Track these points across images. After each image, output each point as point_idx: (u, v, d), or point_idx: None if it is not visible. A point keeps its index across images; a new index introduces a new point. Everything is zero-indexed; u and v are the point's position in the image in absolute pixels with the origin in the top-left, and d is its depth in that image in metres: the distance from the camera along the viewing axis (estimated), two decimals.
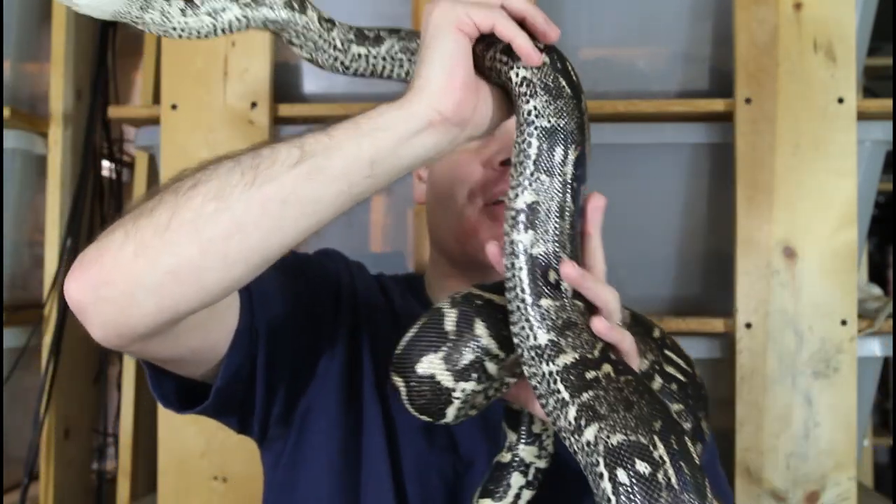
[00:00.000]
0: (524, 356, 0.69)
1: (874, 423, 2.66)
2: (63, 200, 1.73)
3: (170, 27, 0.72)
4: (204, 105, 1.55)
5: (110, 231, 0.70)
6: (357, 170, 0.69)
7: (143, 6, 0.70)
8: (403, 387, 0.77)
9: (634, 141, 1.56)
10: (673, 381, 0.83)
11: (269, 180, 0.67)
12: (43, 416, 1.68)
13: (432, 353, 0.75)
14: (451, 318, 0.75)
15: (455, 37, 0.70)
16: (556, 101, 0.72)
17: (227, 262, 0.68)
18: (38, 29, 1.79)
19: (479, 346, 0.74)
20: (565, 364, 0.67)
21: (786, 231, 1.49)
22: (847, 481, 1.46)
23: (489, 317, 0.75)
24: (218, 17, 0.73)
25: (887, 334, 1.55)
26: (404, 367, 0.76)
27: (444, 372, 0.74)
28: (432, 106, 0.70)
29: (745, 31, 1.51)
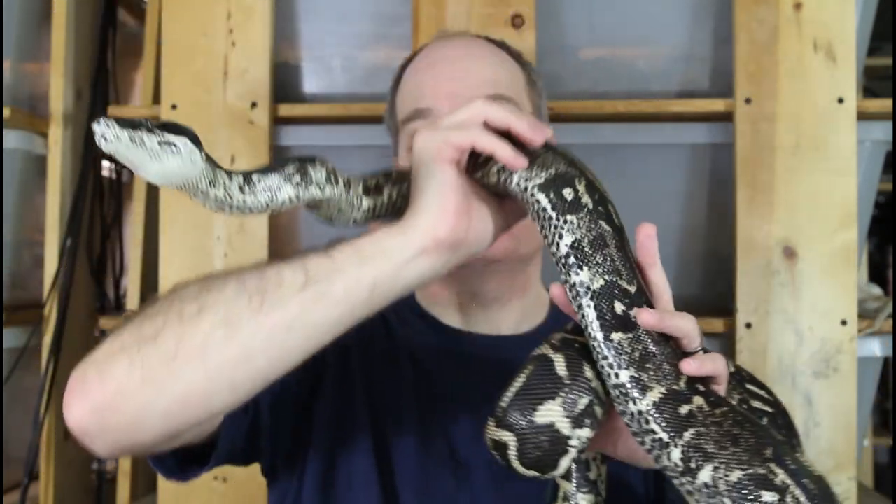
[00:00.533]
0: (612, 396, 0.69)
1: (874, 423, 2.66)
2: (63, 200, 1.72)
3: (228, 203, 0.74)
4: (204, 105, 1.55)
5: (111, 352, 0.71)
6: (358, 293, 0.72)
7: (211, 181, 0.72)
8: (514, 441, 0.72)
9: (634, 141, 1.56)
10: (763, 415, 0.82)
11: (277, 306, 0.70)
12: (43, 416, 1.68)
13: (550, 401, 0.71)
14: (560, 364, 0.73)
15: (440, 167, 0.74)
16: (544, 169, 0.74)
17: (234, 387, 0.71)
18: (38, 29, 1.79)
19: (591, 388, 0.72)
20: (654, 401, 0.67)
21: (786, 231, 1.49)
22: (847, 481, 1.46)
23: (591, 359, 0.72)
24: (274, 195, 0.76)
25: (887, 334, 1.55)
26: (517, 419, 0.72)
27: (562, 419, 0.71)
28: (427, 234, 0.73)
29: (745, 31, 1.51)
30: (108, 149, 0.65)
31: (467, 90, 1.01)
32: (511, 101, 1.03)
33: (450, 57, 1.06)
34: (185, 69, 1.56)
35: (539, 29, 1.53)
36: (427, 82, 1.04)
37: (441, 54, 1.07)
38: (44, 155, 1.73)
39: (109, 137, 0.64)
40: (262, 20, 1.56)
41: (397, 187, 0.85)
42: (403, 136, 1.06)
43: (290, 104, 1.58)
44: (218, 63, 1.56)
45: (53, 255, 1.71)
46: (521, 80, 1.09)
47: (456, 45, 1.09)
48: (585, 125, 1.57)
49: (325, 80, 1.65)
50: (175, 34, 1.57)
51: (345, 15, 1.64)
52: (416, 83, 1.06)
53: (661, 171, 1.58)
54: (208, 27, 1.56)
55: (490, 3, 1.52)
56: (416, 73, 1.08)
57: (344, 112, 1.56)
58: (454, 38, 1.12)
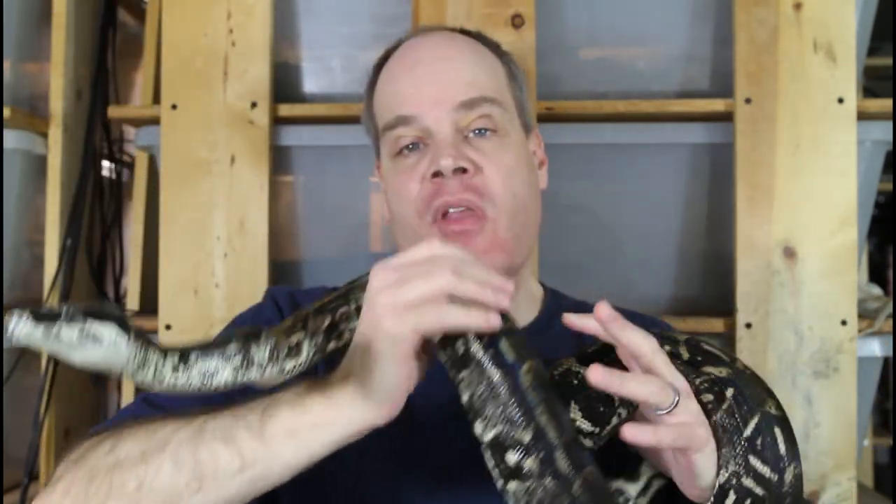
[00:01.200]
0: None
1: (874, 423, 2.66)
2: (63, 200, 1.72)
3: (158, 383, 0.74)
4: (204, 105, 1.55)
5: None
6: (294, 467, 0.74)
7: (140, 364, 0.72)
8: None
9: (634, 141, 1.56)
10: (714, 401, 0.81)
11: (215, 490, 0.73)
12: (43, 416, 1.68)
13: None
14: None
15: (401, 362, 0.71)
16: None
17: None
18: (38, 29, 1.79)
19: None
20: None
21: (786, 231, 1.49)
22: (847, 481, 1.46)
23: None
24: (209, 380, 0.75)
25: (887, 334, 1.55)
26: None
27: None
28: (367, 421, 0.72)
29: (745, 31, 1.51)
30: (22, 343, 0.65)
31: (447, 95, 1.01)
32: (494, 101, 1.03)
33: (427, 59, 1.05)
34: (185, 69, 1.56)
35: (539, 29, 1.53)
36: (406, 88, 1.03)
37: (418, 55, 1.05)
38: (44, 155, 1.73)
39: (20, 335, 0.64)
40: (262, 20, 1.56)
41: (315, 340, 0.82)
42: (386, 142, 1.05)
43: (290, 104, 1.58)
44: (218, 63, 1.56)
45: (53, 255, 1.71)
46: (502, 75, 1.08)
47: (433, 45, 1.07)
48: (585, 125, 1.57)
49: (325, 80, 1.65)
50: (175, 34, 1.57)
51: (345, 15, 1.64)
52: (394, 88, 1.05)
53: (661, 171, 1.58)
54: (208, 27, 1.56)
55: (490, 3, 1.52)
56: (393, 77, 1.06)
57: (344, 112, 1.56)
58: (430, 36, 1.10)
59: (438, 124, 1.01)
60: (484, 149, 1.01)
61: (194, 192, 1.54)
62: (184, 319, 1.53)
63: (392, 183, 1.05)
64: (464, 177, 0.98)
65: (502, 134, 1.03)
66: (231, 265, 1.52)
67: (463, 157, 0.98)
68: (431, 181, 0.99)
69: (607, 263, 1.59)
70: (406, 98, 1.03)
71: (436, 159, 0.98)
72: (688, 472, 0.74)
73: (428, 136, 1.01)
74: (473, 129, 1.01)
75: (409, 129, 1.02)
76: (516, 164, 1.03)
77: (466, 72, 1.04)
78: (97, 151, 1.87)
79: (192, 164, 1.55)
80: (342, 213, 1.62)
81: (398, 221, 1.05)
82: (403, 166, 1.03)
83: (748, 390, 0.73)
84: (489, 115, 1.02)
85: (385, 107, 1.06)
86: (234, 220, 1.53)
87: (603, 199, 1.59)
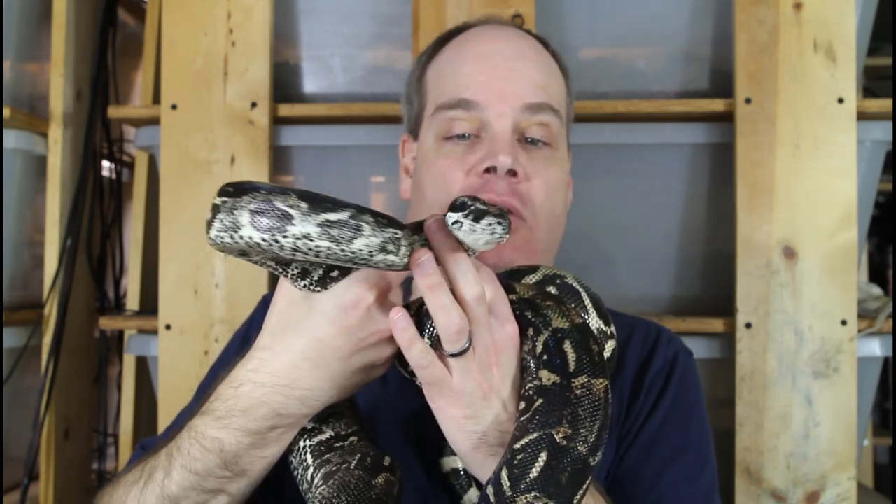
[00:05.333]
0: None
1: (874, 423, 2.66)
2: (63, 200, 1.72)
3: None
4: (204, 105, 1.55)
5: None
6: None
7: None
8: None
9: (634, 141, 1.56)
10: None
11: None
12: (43, 416, 1.68)
13: None
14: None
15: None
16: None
17: None
18: (38, 29, 1.79)
19: None
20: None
21: (786, 231, 1.49)
22: (847, 481, 1.46)
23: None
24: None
25: (887, 334, 1.55)
26: None
27: None
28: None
29: (745, 31, 1.51)
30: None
31: (517, 93, 1.01)
32: (557, 112, 1.03)
33: (503, 53, 1.04)
34: (185, 69, 1.56)
35: (539, 29, 1.53)
36: (477, 74, 1.02)
37: (493, 47, 1.05)
38: (44, 155, 1.73)
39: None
40: (262, 20, 1.56)
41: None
42: (436, 120, 1.04)
43: (290, 104, 1.58)
44: (218, 63, 1.56)
45: (53, 255, 1.71)
46: (564, 89, 1.09)
47: (509, 39, 1.07)
48: (585, 125, 1.56)
49: (325, 80, 1.65)
50: (175, 34, 1.57)
51: (345, 15, 1.64)
52: (463, 70, 1.04)
53: (661, 171, 1.58)
54: (208, 27, 1.56)
55: (490, 3, 1.52)
56: (463, 59, 1.05)
57: (344, 112, 1.56)
58: (503, 29, 1.10)
59: (501, 120, 1.00)
60: (536, 159, 1.01)
61: (194, 192, 1.54)
62: (184, 319, 1.53)
63: (434, 164, 1.03)
64: (512, 180, 0.99)
65: (554, 147, 1.04)
66: (231, 265, 1.52)
67: (518, 160, 0.99)
68: (481, 175, 0.99)
69: (607, 263, 1.59)
70: (474, 84, 1.02)
71: (494, 154, 0.98)
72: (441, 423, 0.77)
73: (483, 130, 1.01)
74: (529, 137, 1.02)
75: (467, 115, 1.01)
76: (559, 181, 1.04)
77: (540, 76, 1.04)
78: (97, 151, 1.87)
79: (192, 164, 1.55)
80: None
81: (427, 203, 1.03)
82: (451, 152, 1.02)
83: (555, 408, 0.71)
84: (549, 124, 1.03)
85: (447, 86, 1.05)
86: None
87: (603, 199, 1.59)
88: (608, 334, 0.85)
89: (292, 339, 0.76)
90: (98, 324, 1.75)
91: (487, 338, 0.73)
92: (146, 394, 1.80)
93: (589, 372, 0.72)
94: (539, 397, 0.72)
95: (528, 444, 0.69)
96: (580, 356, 0.73)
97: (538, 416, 0.71)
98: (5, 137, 1.68)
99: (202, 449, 0.78)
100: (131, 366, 1.79)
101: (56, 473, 1.72)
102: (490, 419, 0.74)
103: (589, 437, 0.69)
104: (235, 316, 1.51)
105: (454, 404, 0.74)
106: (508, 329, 0.74)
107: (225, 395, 0.79)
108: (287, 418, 0.78)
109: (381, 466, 0.80)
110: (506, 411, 0.74)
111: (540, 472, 0.67)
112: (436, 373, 0.73)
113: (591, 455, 0.69)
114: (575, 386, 0.71)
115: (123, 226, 2.00)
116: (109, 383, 2.03)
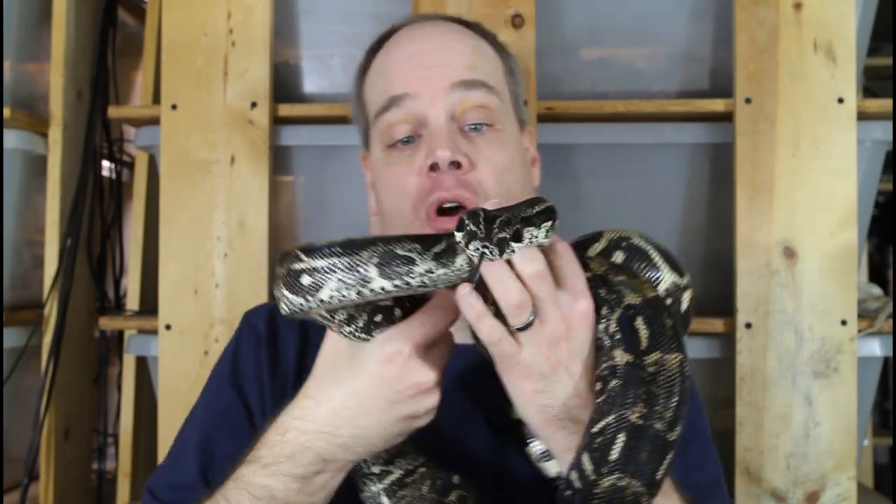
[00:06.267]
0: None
1: (874, 423, 2.66)
2: (63, 200, 1.72)
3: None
4: (204, 105, 1.55)
5: None
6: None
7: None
8: None
9: (634, 141, 1.56)
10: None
11: None
12: (43, 416, 1.68)
13: None
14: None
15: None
16: None
17: None
18: (38, 29, 1.79)
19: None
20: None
21: (786, 231, 1.49)
22: (847, 481, 1.46)
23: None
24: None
25: (887, 334, 1.55)
26: None
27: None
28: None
29: (745, 31, 1.51)
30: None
31: (444, 75, 0.99)
32: (492, 89, 1.01)
33: (428, 47, 1.02)
34: (185, 69, 1.56)
35: (539, 29, 1.53)
36: (400, 70, 1.01)
37: (418, 45, 1.03)
38: (44, 155, 1.73)
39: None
40: (262, 20, 1.56)
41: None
42: (378, 130, 1.03)
43: (290, 104, 1.58)
44: (218, 63, 1.56)
45: (53, 255, 1.71)
46: (500, 67, 1.06)
47: (433, 35, 1.05)
48: (585, 125, 1.57)
49: (325, 80, 1.65)
50: (175, 34, 1.57)
51: (345, 15, 1.63)
52: (391, 70, 1.03)
53: (661, 171, 1.58)
54: (208, 27, 1.56)
55: (490, 2, 1.52)
56: (387, 63, 1.04)
57: (344, 112, 1.55)
58: (427, 24, 1.08)
59: (432, 107, 0.98)
60: (479, 144, 0.99)
61: (194, 192, 1.54)
62: (184, 319, 1.53)
63: (385, 175, 1.02)
64: (457, 172, 0.96)
65: (498, 128, 1.01)
66: (231, 265, 1.52)
67: (458, 150, 0.96)
68: (427, 175, 0.97)
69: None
70: (399, 79, 1.00)
71: (432, 150, 0.96)
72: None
73: (422, 127, 0.99)
74: (469, 124, 0.99)
75: (401, 113, 0.99)
76: (511, 160, 1.01)
77: (467, 58, 1.02)
78: (97, 151, 1.87)
79: (192, 164, 1.55)
80: (342, 213, 1.62)
81: (390, 215, 1.03)
82: (398, 159, 1.00)
83: (629, 389, 0.72)
84: (486, 105, 1.00)
85: (378, 91, 1.03)
86: (234, 220, 1.53)
87: (603, 199, 1.59)
88: (682, 286, 0.86)
89: (333, 388, 0.79)
90: (98, 324, 1.75)
91: (556, 313, 0.74)
92: (146, 394, 1.80)
93: (662, 348, 0.73)
94: (613, 378, 0.73)
95: (606, 427, 0.71)
96: (652, 332, 0.74)
97: (613, 398, 0.72)
98: (5, 137, 1.68)
99: (252, 497, 0.80)
100: (131, 366, 1.79)
101: (56, 473, 1.72)
102: (559, 394, 0.75)
103: (665, 414, 0.71)
104: (235, 316, 1.51)
105: (524, 378, 0.75)
106: (582, 305, 0.75)
107: (271, 442, 0.80)
108: (332, 463, 0.80)
109: (450, 485, 0.85)
110: (575, 388, 0.76)
111: (620, 454, 0.70)
112: (505, 348, 0.74)
113: (669, 431, 0.71)
114: (647, 364, 0.73)
115: (123, 226, 2.00)
116: (109, 383, 2.03)
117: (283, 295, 0.75)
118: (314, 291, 0.72)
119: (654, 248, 0.86)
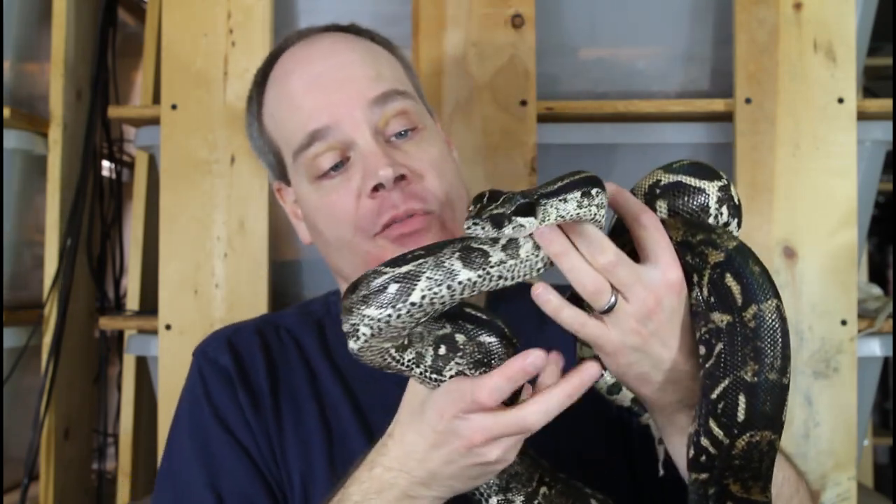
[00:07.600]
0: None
1: (874, 423, 2.66)
2: (63, 200, 1.72)
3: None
4: (204, 105, 1.55)
5: None
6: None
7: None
8: None
9: (634, 141, 1.56)
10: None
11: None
12: (43, 416, 1.68)
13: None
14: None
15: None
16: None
17: None
18: (38, 29, 1.79)
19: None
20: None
21: (786, 231, 1.49)
22: (847, 481, 1.46)
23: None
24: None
25: (887, 334, 1.55)
26: None
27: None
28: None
29: (745, 31, 1.51)
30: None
31: (357, 94, 0.98)
32: (404, 94, 1.01)
33: (325, 70, 1.01)
34: (185, 69, 1.56)
35: (539, 29, 1.53)
36: (310, 102, 1.00)
37: (313, 70, 1.01)
38: (44, 155, 1.73)
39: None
40: (262, 20, 1.56)
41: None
42: (301, 166, 1.01)
43: None
44: (218, 63, 1.56)
45: (53, 255, 1.71)
46: (399, 65, 1.06)
47: (324, 55, 1.03)
48: (585, 125, 1.57)
49: None
50: (175, 34, 1.57)
51: (345, 15, 1.62)
52: (296, 105, 1.01)
53: None
54: (208, 27, 1.56)
55: (490, 3, 1.52)
56: (293, 95, 1.02)
57: None
58: (316, 42, 1.06)
59: (356, 130, 0.97)
60: (411, 151, 0.99)
61: (194, 192, 1.54)
62: (184, 319, 1.53)
63: (320, 207, 1.00)
64: (403, 184, 0.96)
65: (420, 128, 1.01)
66: (231, 265, 1.52)
67: (397, 163, 0.96)
68: (370, 196, 0.96)
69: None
70: (313, 112, 0.99)
71: (372, 171, 0.95)
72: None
73: (349, 149, 0.98)
74: (394, 133, 0.99)
75: (325, 145, 0.98)
76: (440, 154, 1.02)
77: (368, 68, 1.01)
78: (97, 151, 1.87)
79: (192, 164, 1.55)
80: None
81: (332, 243, 1.02)
82: (331, 187, 0.99)
83: (736, 349, 0.74)
84: (404, 111, 1.00)
85: (290, 128, 1.02)
86: (234, 220, 1.53)
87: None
88: (727, 182, 0.87)
89: (406, 432, 0.80)
90: (98, 324, 1.75)
91: (641, 291, 0.74)
92: (146, 394, 1.80)
93: (756, 299, 0.74)
94: (717, 341, 0.75)
95: (725, 392, 0.74)
96: (744, 286, 0.74)
97: (723, 361, 0.74)
98: (5, 137, 1.68)
99: None
100: (131, 366, 1.79)
101: (56, 473, 1.72)
102: (656, 362, 0.77)
103: (775, 363, 0.73)
104: (235, 316, 1.51)
105: (618, 355, 0.76)
106: (671, 276, 0.75)
107: (360, 479, 0.82)
108: (418, 500, 0.80)
109: (583, 494, 0.87)
110: (670, 355, 0.77)
111: (746, 414, 0.73)
112: (592, 331, 0.75)
113: (782, 376, 0.74)
114: (747, 319, 0.74)
115: (123, 226, 2.00)
116: (109, 383, 2.03)
117: (364, 316, 0.72)
118: (404, 297, 0.71)
119: (682, 173, 0.84)
